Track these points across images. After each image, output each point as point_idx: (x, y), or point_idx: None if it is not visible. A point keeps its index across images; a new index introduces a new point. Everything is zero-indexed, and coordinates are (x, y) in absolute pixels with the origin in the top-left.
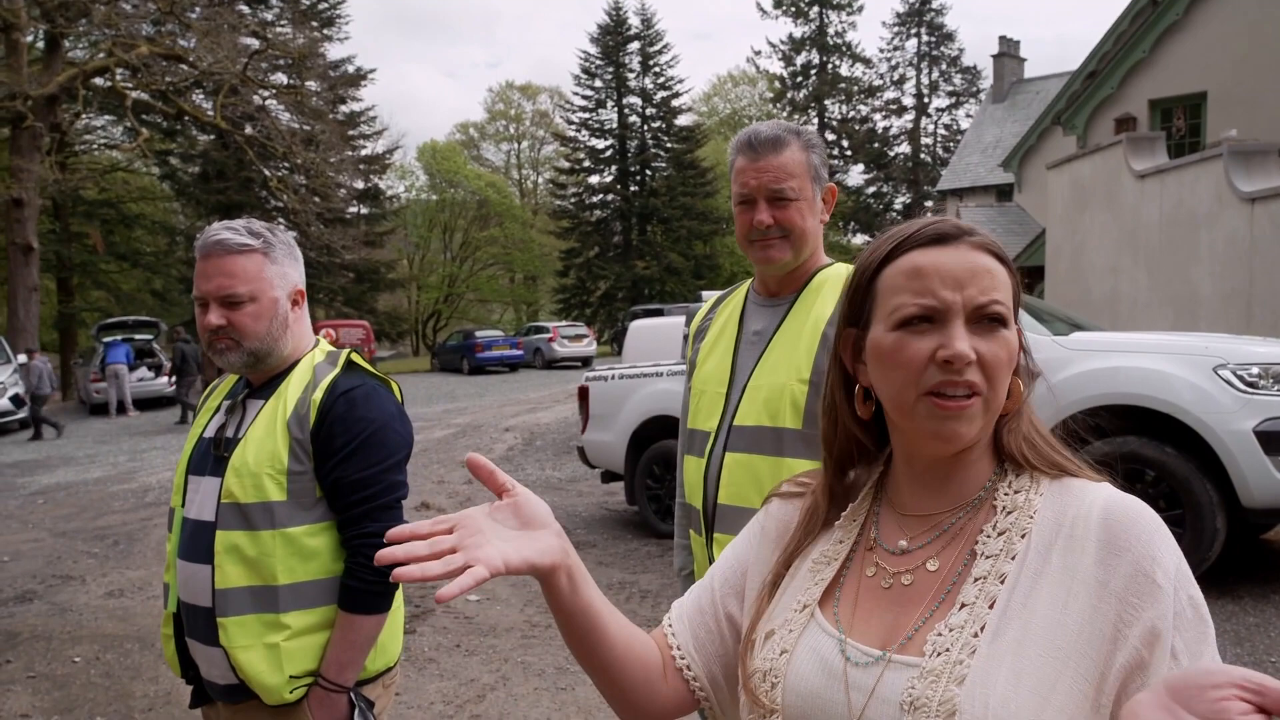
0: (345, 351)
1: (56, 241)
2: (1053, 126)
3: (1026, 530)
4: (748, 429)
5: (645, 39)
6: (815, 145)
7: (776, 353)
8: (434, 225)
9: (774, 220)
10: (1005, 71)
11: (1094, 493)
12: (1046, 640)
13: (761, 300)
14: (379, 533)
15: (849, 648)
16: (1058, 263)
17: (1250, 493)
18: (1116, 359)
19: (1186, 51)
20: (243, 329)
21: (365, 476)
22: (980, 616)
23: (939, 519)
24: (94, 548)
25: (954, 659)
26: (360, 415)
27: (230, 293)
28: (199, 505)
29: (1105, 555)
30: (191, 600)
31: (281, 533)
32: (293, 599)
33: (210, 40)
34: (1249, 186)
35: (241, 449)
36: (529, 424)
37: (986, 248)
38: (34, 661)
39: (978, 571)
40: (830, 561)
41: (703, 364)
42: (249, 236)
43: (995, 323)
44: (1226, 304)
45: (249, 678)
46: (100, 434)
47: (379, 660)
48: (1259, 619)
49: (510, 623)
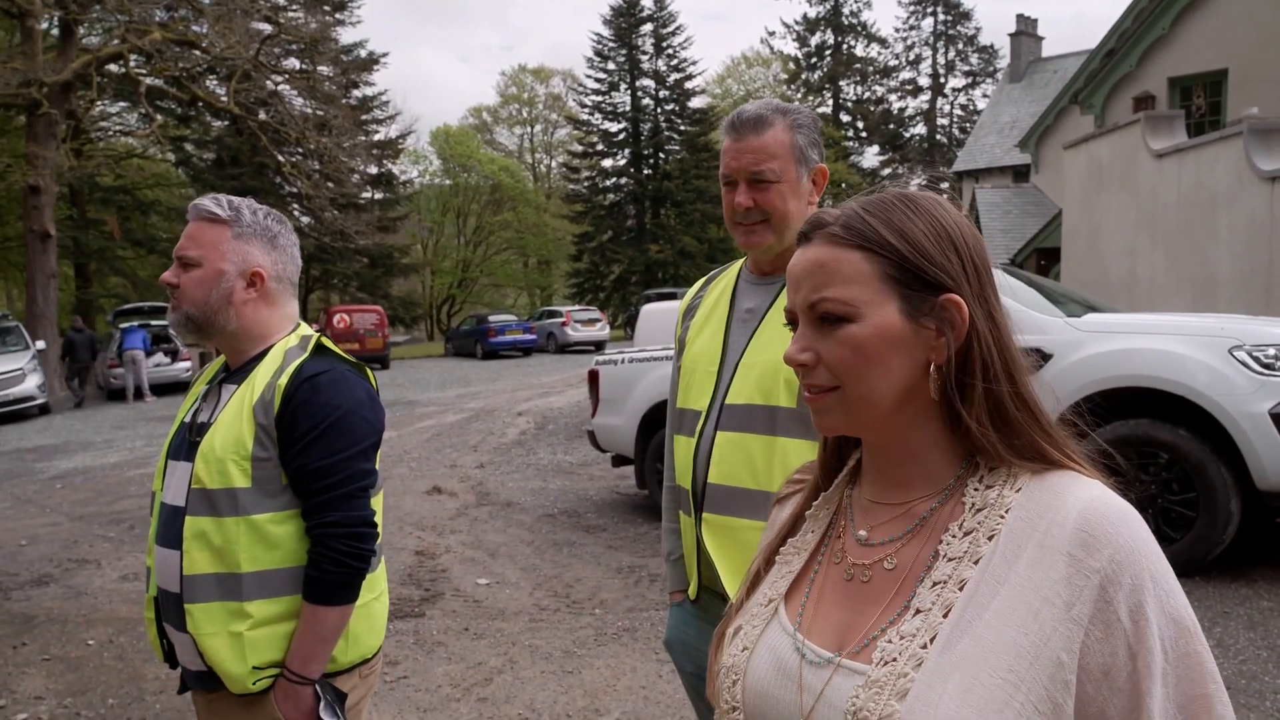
0: (315, 335)
1: (74, 228)
2: (1070, 106)
3: (995, 531)
4: (740, 407)
5: (658, 21)
6: (803, 126)
7: (769, 330)
8: (447, 210)
9: (754, 203)
10: (1022, 50)
11: (1075, 496)
12: (999, 658)
13: (754, 278)
14: (342, 522)
15: (804, 646)
16: (1074, 244)
17: (1265, 476)
18: (1130, 340)
19: (1207, 28)
20: (185, 290)
21: (328, 464)
22: (933, 625)
23: (899, 509)
24: (110, 532)
25: (898, 670)
26: (325, 401)
27: (184, 254)
28: (174, 490)
29: (1074, 573)
30: (164, 585)
31: (246, 519)
32: (256, 587)
33: (223, 25)
34: (1269, 165)
35: (210, 434)
36: (542, 408)
37: (837, 239)
38: (49, 644)
39: (937, 575)
40: (799, 551)
41: (693, 342)
42: (219, 207)
43: (831, 321)
44: (1246, 285)
45: (215, 665)
46: (118, 419)
47: (352, 652)
48: (1273, 603)
49: (519, 606)
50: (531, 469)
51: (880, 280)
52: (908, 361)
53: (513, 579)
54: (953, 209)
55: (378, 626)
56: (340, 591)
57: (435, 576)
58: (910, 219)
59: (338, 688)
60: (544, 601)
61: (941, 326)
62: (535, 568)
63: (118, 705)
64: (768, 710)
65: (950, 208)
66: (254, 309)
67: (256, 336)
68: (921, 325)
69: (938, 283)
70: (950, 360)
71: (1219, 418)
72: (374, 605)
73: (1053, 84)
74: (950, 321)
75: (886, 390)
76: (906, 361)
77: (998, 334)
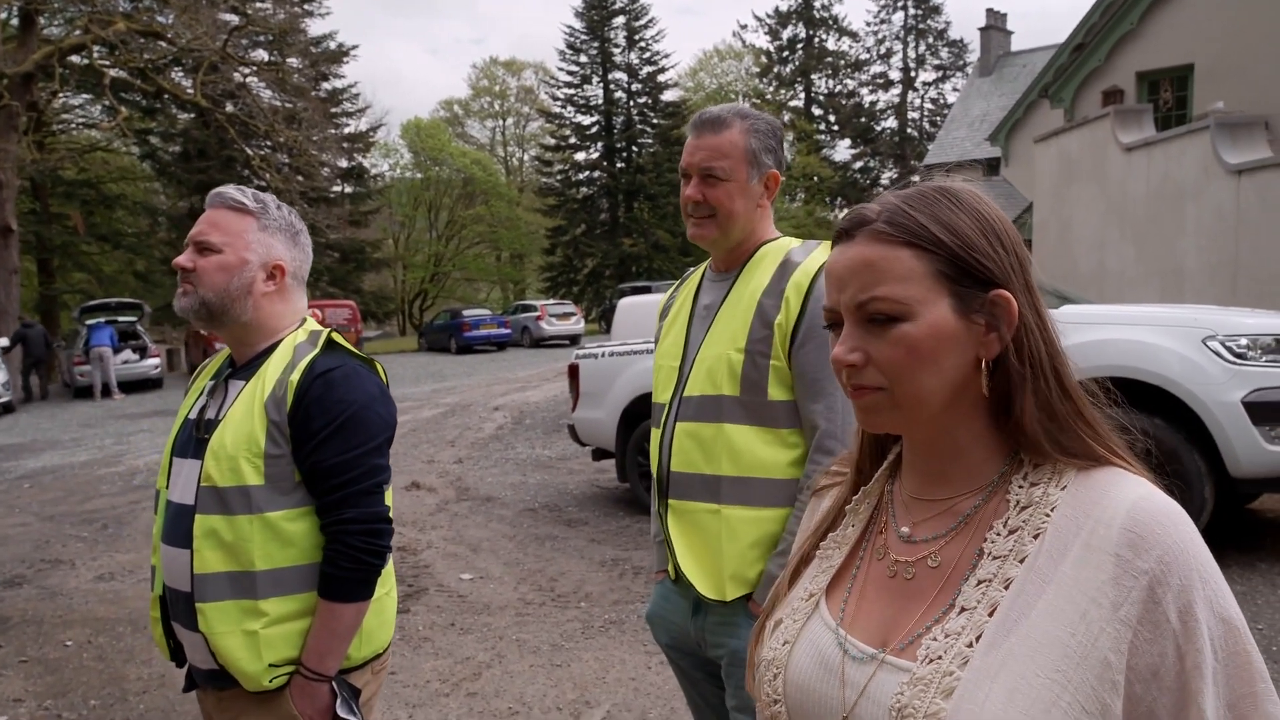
0: (325, 331)
1: (36, 223)
2: (1040, 100)
3: (1040, 530)
4: (694, 399)
5: (630, 13)
6: (760, 131)
7: (720, 324)
8: (419, 204)
9: (703, 197)
10: (992, 45)
11: (1121, 494)
12: (1046, 658)
13: (714, 275)
14: (358, 519)
15: (847, 642)
16: (1045, 236)
17: (1238, 463)
18: (1106, 331)
19: (1174, 23)
20: (203, 275)
21: (343, 460)
22: (979, 624)
23: (942, 505)
24: (83, 531)
25: (944, 669)
26: (339, 397)
27: (205, 239)
28: (180, 488)
29: (1121, 574)
30: (173, 584)
31: (259, 517)
32: (271, 585)
33: (189, 16)
34: (1235, 159)
35: (220, 431)
36: (518, 403)
37: (883, 236)
38: (25, 646)
39: (982, 573)
40: (840, 546)
41: (663, 340)
42: (247, 199)
43: (881, 321)
44: (1213, 276)
45: (228, 664)
46: (85, 417)
47: (366, 648)
48: (1245, 587)
49: (504, 601)
50: (510, 463)
51: (932, 278)
52: (959, 359)
53: (496, 574)
54: (992, 202)
55: (388, 622)
56: (357, 588)
57: (418, 572)
58: (955, 213)
59: (352, 684)
60: (529, 596)
61: (992, 322)
62: (518, 562)
63: (100, 706)
64: (809, 704)
65: (990, 201)
66: (270, 302)
67: (268, 330)
68: (973, 321)
69: (987, 278)
70: (1003, 355)
71: (1193, 406)
72: (385, 600)
73: (1022, 78)
74: (1001, 316)
75: (938, 389)
76: (958, 359)
77: (1044, 327)
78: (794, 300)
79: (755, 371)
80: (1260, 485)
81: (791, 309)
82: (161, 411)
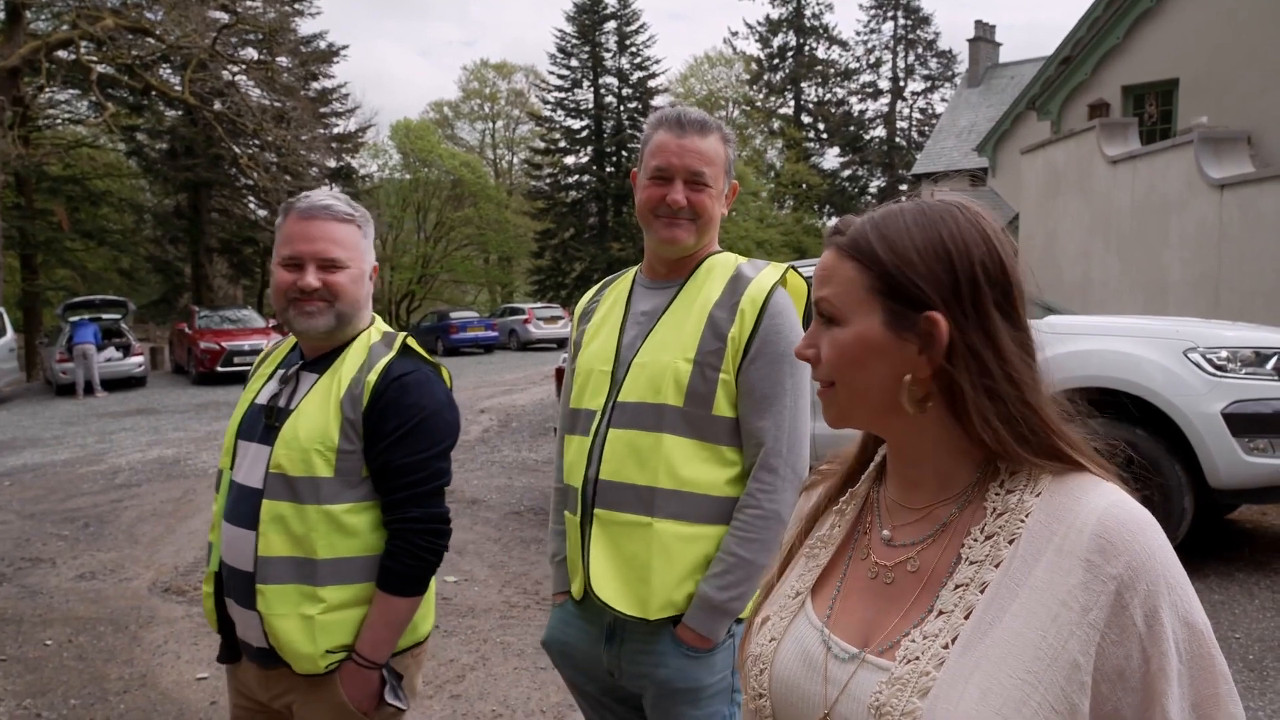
0: (401, 335)
1: (20, 218)
2: (1027, 111)
3: (1015, 535)
4: (630, 405)
5: (622, 18)
6: (731, 141)
7: (663, 332)
8: (407, 205)
9: (688, 201)
10: (980, 56)
11: (1093, 501)
12: (1018, 660)
13: (649, 283)
14: (421, 518)
15: (830, 641)
16: (1030, 247)
17: (1218, 474)
18: (1088, 342)
19: (1159, 38)
20: (339, 290)
21: (412, 462)
22: (955, 626)
23: (921, 511)
24: (64, 530)
25: (921, 669)
26: (412, 401)
27: (331, 256)
28: (246, 471)
29: (1091, 579)
30: (234, 563)
31: (325, 509)
32: (331, 573)
33: (178, 13)
34: (1219, 173)
35: (293, 422)
36: (505, 405)
37: (839, 246)
38: (4, 645)
39: (959, 577)
40: (827, 545)
41: (588, 344)
42: (350, 208)
43: (826, 321)
44: (1196, 289)
45: (282, 645)
46: (68, 415)
47: (409, 636)
48: (1224, 596)
49: (489, 603)
50: (496, 466)
51: (866, 291)
52: (891, 370)
53: (481, 576)
54: (967, 222)
55: (430, 612)
56: (414, 584)
57: None
58: (907, 232)
59: (397, 670)
60: (514, 599)
61: (925, 341)
62: (503, 565)
63: (80, 706)
64: (793, 699)
65: (963, 221)
66: (366, 303)
67: (351, 330)
68: (903, 339)
69: (920, 298)
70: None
71: (1174, 417)
72: (428, 592)
73: (1010, 90)
74: (930, 338)
75: (871, 392)
76: (890, 370)
77: (995, 350)
78: (749, 314)
79: (704, 385)
80: (1238, 496)
81: (746, 322)
82: (145, 410)
